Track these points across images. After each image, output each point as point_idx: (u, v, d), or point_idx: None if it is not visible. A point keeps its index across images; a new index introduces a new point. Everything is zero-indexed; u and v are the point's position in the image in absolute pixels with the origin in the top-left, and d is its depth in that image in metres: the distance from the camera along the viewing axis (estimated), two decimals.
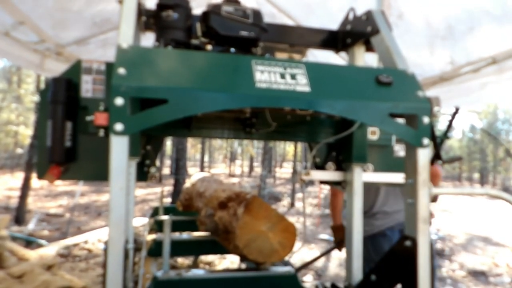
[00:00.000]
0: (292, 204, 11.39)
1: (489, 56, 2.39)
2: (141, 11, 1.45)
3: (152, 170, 1.71)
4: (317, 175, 1.77)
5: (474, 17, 2.18)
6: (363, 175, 1.72)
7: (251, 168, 29.40)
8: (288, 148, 35.16)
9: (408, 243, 1.26)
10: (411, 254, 1.23)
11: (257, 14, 1.46)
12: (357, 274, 1.67)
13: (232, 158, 30.56)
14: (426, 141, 1.22)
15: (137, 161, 1.53)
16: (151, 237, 2.71)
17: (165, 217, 1.72)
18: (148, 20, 1.50)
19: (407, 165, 1.29)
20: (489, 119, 24.06)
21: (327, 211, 10.55)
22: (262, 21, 1.47)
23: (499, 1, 2.02)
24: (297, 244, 6.67)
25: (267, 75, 1.17)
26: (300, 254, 6.06)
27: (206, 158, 31.52)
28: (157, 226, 2.87)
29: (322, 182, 1.83)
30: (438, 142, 1.85)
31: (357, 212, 1.68)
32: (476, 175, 24.15)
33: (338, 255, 6.05)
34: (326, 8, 2.86)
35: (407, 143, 1.29)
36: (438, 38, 2.47)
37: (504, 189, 21.39)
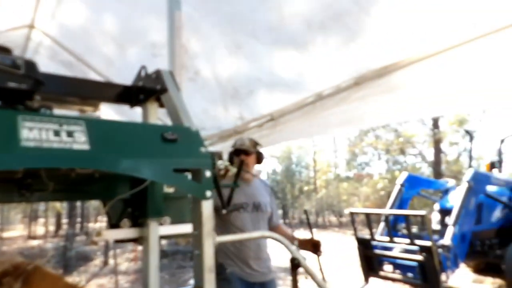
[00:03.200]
0: (105, 263, 10.39)
1: (268, 114, 2.84)
2: None
3: None
4: (110, 234, 1.66)
5: (251, 83, 2.58)
6: (160, 229, 1.71)
7: (58, 226, 25.69)
8: None
9: None
10: None
11: (30, 64, 1.33)
12: None
13: (34, 216, 26.18)
14: (209, 193, 1.30)
15: None
16: None
17: None
18: None
19: (193, 217, 1.35)
20: (286, 163, 28.31)
21: None
22: (37, 72, 1.35)
23: (268, 71, 2.47)
24: None
25: (37, 133, 1.07)
26: None
27: None
28: None
29: (117, 241, 1.73)
30: (227, 190, 2.03)
31: (153, 269, 1.64)
32: (280, 212, 27.42)
33: None
34: (125, 61, 2.88)
35: (192, 196, 1.36)
36: (228, 96, 2.80)
37: (300, 221, 24.92)
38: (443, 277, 5.33)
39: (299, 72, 2.59)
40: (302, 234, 2.97)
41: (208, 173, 1.31)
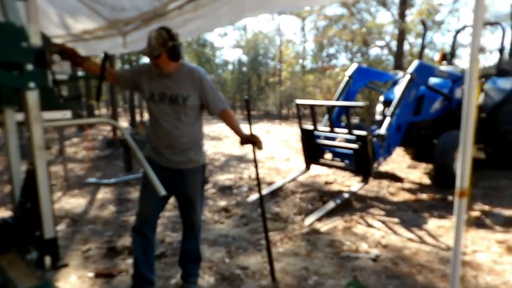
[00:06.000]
0: (61, 151, 10.42)
1: None
2: None
3: None
4: None
5: None
6: (19, 115, 1.66)
7: None
8: None
9: (29, 167, 1.48)
10: (33, 175, 1.46)
11: None
12: None
13: None
14: (32, 84, 1.37)
15: None
16: None
17: None
18: None
19: (24, 105, 1.41)
20: (251, 53, 27.53)
21: (102, 153, 10.21)
22: None
23: None
24: (59, 193, 6.26)
25: None
26: (61, 203, 5.71)
27: None
28: None
29: None
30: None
31: (13, 149, 1.69)
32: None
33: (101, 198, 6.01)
34: None
35: (16, 88, 1.44)
36: None
37: (265, 113, 25.47)
38: (375, 164, 5.70)
39: None
40: (263, 126, 2.91)
41: (30, 67, 1.36)
